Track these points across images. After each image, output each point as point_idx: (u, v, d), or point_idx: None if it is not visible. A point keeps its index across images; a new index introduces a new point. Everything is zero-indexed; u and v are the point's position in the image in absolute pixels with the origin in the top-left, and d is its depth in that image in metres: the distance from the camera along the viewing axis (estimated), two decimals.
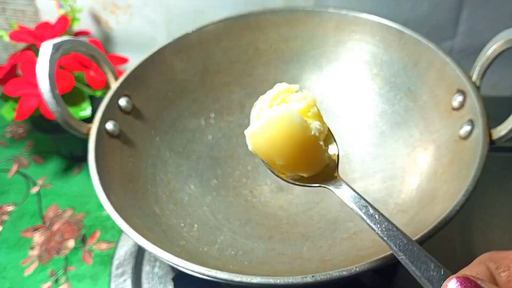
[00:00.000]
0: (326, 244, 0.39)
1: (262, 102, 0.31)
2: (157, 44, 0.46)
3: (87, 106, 0.53)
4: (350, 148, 0.46)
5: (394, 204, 0.40)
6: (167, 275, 0.45)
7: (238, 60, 0.50)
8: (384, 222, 0.26)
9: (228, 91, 0.50)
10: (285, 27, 0.49)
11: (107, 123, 0.39)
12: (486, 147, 0.33)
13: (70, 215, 0.55)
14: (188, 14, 0.62)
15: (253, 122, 0.30)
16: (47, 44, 0.35)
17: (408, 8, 0.58)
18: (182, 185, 0.43)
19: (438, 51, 0.40)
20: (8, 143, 0.66)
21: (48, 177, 0.60)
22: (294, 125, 0.27)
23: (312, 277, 0.27)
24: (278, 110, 0.28)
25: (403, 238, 0.24)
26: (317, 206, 0.43)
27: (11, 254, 0.51)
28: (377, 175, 0.43)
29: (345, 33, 0.47)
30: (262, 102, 0.31)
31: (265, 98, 0.31)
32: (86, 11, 0.63)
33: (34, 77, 0.51)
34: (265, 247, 0.39)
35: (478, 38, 0.60)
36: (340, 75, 0.49)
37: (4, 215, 0.56)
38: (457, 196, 0.30)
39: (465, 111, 0.37)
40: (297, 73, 0.50)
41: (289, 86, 0.31)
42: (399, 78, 0.45)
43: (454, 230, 0.47)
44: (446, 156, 0.38)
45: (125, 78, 0.42)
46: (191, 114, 0.48)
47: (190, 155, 0.46)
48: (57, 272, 0.49)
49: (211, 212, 0.42)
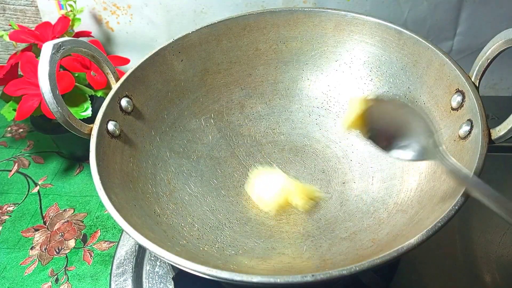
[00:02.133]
0: (326, 243, 0.39)
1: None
2: (157, 44, 0.46)
3: (88, 107, 0.53)
4: (350, 148, 0.47)
5: (394, 204, 0.40)
6: (167, 274, 0.45)
7: (238, 60, 0.50)
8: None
9: (228, 91, 0.50)
10: (284, 28, 0.49)
11: (108, 124, 0.39)
12: (485, 147, 0.33)
13: (71, 215, 0.55)
14: (188, 15, 0.62)
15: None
16: (48, 45, 0.35)
17: (408, 8, 0.59)
18: (183, 185, 0.44)
19: (437, 51, 0.41)
20: (9, 143, 0.66)
21: (49, 177, 0.60)
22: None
23: (312, 276, 0.27)
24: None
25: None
26: (316, 205, 0.43)
27: (11, 254, 0.51)
28: (376, 175, 0.43)
29: (345, 33, 0.48)
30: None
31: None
32: (86, 12, 0.63)
33: (34, 77, 0.52)
34: (265, 247, 0.39)
35: (477, 38, 0.60)
36: (340, 75, 0.49)
37: (4, 215, 0.56)
38: (456, 196, 0.30)
39: (464, 111, 0.37)
40: (297, 73, 0.50)
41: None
42: (398, 78, 0.45)
43: (454, 230, 0.47)
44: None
45: (125, 78, 0.42)
46: (191, 114, 0.48)
47: (190, 155, 0.46)
48: (57, 272, 0.49)
49: (211, 211, 0.42)
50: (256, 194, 0.44)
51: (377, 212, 0.40)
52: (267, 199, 0.42)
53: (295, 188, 0.43)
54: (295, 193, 0.42)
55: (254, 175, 0.45)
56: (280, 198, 0.42)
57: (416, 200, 0.38)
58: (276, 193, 0.42)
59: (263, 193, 0.43)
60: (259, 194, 0.43)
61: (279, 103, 0.51)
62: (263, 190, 0.43)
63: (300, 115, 0.50)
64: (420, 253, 0.42)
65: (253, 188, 0.44)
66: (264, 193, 0.43)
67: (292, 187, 0.43)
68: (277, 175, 0.44)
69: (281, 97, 0.51)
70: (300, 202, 0.42)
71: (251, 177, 0.45)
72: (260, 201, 0.43)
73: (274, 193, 0.42)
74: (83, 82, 0.55)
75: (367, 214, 0.40)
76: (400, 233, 0.35)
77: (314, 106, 0.50)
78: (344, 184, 0.44)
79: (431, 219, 0.30)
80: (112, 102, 0.41)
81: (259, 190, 0.43)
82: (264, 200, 0.43)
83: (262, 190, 0.43)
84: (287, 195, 0.42)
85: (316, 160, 0.47)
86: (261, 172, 0.45)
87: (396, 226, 0.37)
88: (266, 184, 0.43)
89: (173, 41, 0.46)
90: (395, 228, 0.37)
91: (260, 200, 0.43)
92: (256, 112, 0.51)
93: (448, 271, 0.44)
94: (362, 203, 0.42)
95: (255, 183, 0.44)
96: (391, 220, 0.38)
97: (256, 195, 0.43)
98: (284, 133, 0.50)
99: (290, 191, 0.42)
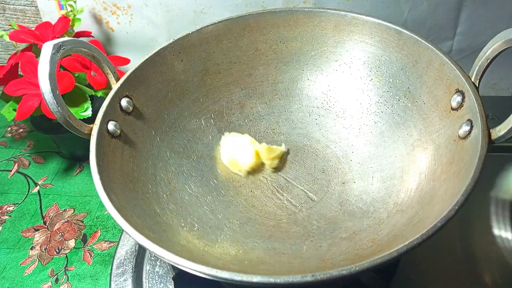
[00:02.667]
0: (326, 243, 0.39)
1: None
2: (157, 44, 0.46)
3: (88, 107, 0.53)
4: (350, 148, 0.47)
5: (393, 204, 0.40)
6: (167, 274, 0.45)
7: (238, 60, 0.50)
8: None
9: (228, 91, 0.50)
10: (284, 28, 0.49)
11: (108, 124, 0.39)
12: (485, 147, 0.33)
13: (71, 215, 0.55)
14: (188, 15, 0.62)
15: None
16: (48, 45, 0.35)
17: (408, 8, 0.59)
18: (183, 185, 0.44)
19: (437, 51, 0.41)
20: (9, 143, 0.66)
21: (49, 177, 0.60)
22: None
23: (312, 276, 0.27)
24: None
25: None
26: (316, 205, 0.43)
27: (11, 254, 0.51)
28: (376, 175, 0.43)
29: (344, 33, 0.48)
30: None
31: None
32: (86, 12, 0.63)
33: (34, 77, 0.52)
34: (265, 247, 0.39)
35: (477, 38, 0.61)
36: (340, 75, 0.49)
37: (4, 215, 0.56)
38: (456, 196, 0.30)
39: (464, 111, 0.37)
40: (297, 74, 0.50)
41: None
42: (398, 78, 0.45)
43: (454, 230, 0.47)
44: (445, 156, 0.38)
45: (125, 78, 0.42)
46: (192, 114, 0.48)
47: (190, 155, 0.46)
48: (57, 272, 0.49)
49: (211, 211, 0.42)
50: (228, 158, 0.47)
51: (377, 212, 0.40)
52: (240, 163, 0.46)
53: (262, 149, 0.46)
54: (263, 154, 0.46)
55: (223, 141, 0.48)
56: (251, 159, 0.46)
57: (416, 200, 0.38)
58: (247, 155, 0.46)
59: (235, 157, 0.46)
60: (231, 158, 0.46)
61: (279, 103, 0.51)
62: (235, 154, 0.46)
63: (300, 115, 0.50)
64: (420, 253, 0.42)
65: (225, 153, 0.47)
66: (236, 157, 0.46)
67: (259, 148, 0.47)
68: (244, 138, 0.47)
69: (281, 97, 0.51)
70: (268, 162, 0.46)
71: (221, 144, 0.48)
72: (233, 165, 0.46)
73: (246, 156, 0.46)
74: (83, 82, 0.55)
75: (367, 214, 0.40)
76: (400, 233, 0.35)
77: (314, 106, 0.50)
78: (344, 184, 0.44)
79: (431, 219, 0.30)
80: (112, 102, 0.41)
81: (230, 154, 0.46)
82: (237, 163, 0.46)
83: (233, 154, 0.46)
84: (256, 156, 0.46)
85: (316, 160, 0.47)
86: (229, 137, 0.48)
87: (396, 226, 0.37)
88: (236, 148, 0.47)
89: (173, 41, 0.46)
90: (395, 228, 0.37)
91: (233, 164, 0.46)
92: (256, 112, 0.51)
93: (448, 271, 0.44)
94: (362, 203, 0.42)
95: (225, 149, 0.47)
96: (391, 220, 0.38)
97: (228, 159, 0.47)
98: (284, 133, 0.50)
99: (258, 152, 0.46)
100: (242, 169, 0.46)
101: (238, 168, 0.46)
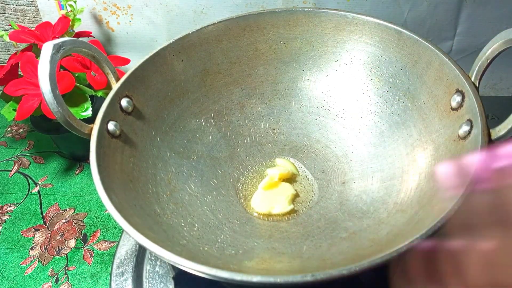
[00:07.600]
0: (326, 243, 0.39)
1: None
2: (157, 44, 0.46)
3: (88, 107, 0.53)
4: (350, 148, 0.47)
5: (393, 204, 0.40)
6: (167, 274, 0.45)
7: (238, 60, 0.50)
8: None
9: (228, 91, 0.50)
10: (284, 28, 0.49)
11: (108, 124, 0.39)
12: (485, 147, 0.33)
13: (71, 215, 0.55)
14: (188, 15, 0.62)
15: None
16: (48, 45, 0.35)
17: (408, 8, 0.59)
18: (183, 185, 0.44)
19: (437, 51, 0.41)
20: (9, 143, 0.66)
21: (49, 177, 0.60)
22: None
23: (312, 276, 0.27)
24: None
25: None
26: (316, 205, 0.43)
27: (12, 254, 0.51)
28: (376, 175, 0.43)
29: (344, 33, 0.48)
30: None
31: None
32: (87, 12, 0.63)
33: (34, 77, 0.52)
34: (265, 246, 0.39)
35: (477, 38, 0.61)
36: (339, 75, 0.49)
37: (4, 215, 0.56)
38: (456, 196, 0.30)
39: (464, 111, 0.37)
40: (297, 74, 0.50)
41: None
42: (398, 79, 0.45)
43: None
44: (445, 156, 0.38)
45: (126, 78, 0.42)
46: (191, 114, 0.48)
47: (190, 155, 0.46)
48: (57, 272, 0.49)
49: (211, 211, 0.42)
50: (264, 208, 0.43)
51: (377, 212, 0.40)
52: (273, 212, 0.43)
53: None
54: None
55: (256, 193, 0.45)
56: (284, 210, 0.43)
57: (416, 200, 0.38)
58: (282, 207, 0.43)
59: (271, 206, 0.43)
60: (268, 208, 0.43)
61: (279, 103, 0.51)
62: (272, 203, 0.43)
63: (300, 115, 0.50)
64: None
65: (261, 204, 0.44)
66: (274, 205, 0.43)
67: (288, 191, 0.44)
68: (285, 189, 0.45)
69: (281, 97, 0.51)
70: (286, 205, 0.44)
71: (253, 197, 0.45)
72: (263, 209, 0.43)
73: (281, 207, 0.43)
74: (83, 82, 0.56)
75: (367, 214, 0.40)
76: (400, 233, 0.35)
77: (314, 106, 0.50)
78: (344, 184, 0.44)
79: (431, 219, 0.30)
80: (112, 102, 0.41)
81: (268, 204, 0.43)
82: (270, 211, 0.43)
83: (270, 204, 0.43)
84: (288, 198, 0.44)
85: (316, 160, 0.47)
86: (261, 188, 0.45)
87: (396, 226, 0.37)
88: (272, 197, 0.44)
89: (173, 41, 0.46)
90: (395, 228, 0.37)
91: (265, 210, 0.43)
92: (256, 112, 0.51)
93: None
94: (362, 203, 0.42)
95: (261, 199, 0.44)
96: (391, 220, 0.38)
97: (266, 209, 0.43)
98: (284, 133, 0.50)
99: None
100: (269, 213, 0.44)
101: (268, 213, 0.43)
